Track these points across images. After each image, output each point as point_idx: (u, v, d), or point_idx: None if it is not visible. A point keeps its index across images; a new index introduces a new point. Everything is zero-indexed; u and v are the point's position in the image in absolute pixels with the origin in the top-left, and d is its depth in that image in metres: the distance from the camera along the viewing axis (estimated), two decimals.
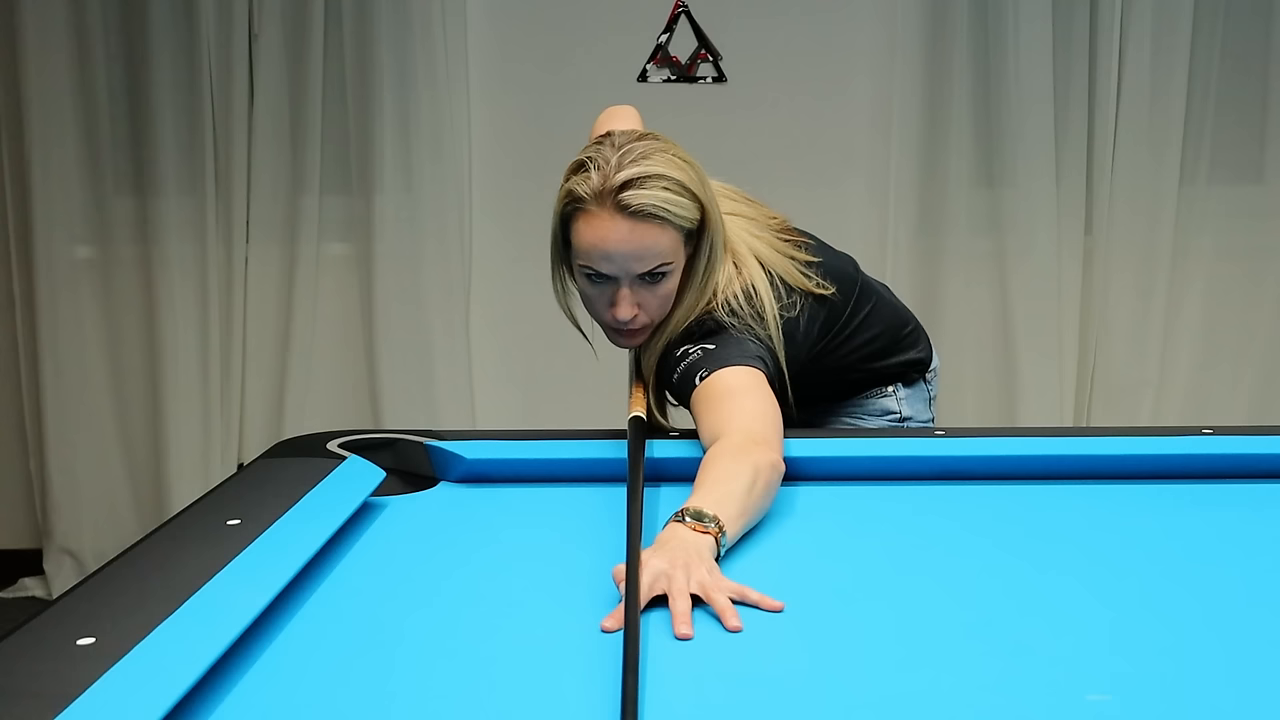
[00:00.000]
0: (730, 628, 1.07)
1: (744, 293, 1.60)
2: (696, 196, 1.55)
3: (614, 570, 1.15)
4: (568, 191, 1.55)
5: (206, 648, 0.92)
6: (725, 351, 1.54)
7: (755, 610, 1.11)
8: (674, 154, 1.56)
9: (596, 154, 1.54)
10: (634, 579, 1.08)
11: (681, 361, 1.57)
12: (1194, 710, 0.92)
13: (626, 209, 1.50)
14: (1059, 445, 1.60)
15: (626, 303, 1.56)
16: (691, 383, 1.53)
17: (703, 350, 1.56)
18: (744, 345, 1.56)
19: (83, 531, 3.46)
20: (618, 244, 1.51)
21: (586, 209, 1.53)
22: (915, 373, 1.95)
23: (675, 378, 1.58)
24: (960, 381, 3.42)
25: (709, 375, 1.51)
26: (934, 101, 3.30)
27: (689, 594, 1.10)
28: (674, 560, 1.13)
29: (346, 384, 3.46)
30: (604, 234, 1.52)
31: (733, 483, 1.30)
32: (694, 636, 1.04)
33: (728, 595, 1.11)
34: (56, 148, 3.28)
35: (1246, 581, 1.19)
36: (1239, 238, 3.44)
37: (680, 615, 1.07)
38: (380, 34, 3.24)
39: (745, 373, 1.51)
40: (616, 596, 1.11)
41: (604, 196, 1.51)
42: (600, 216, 1.52)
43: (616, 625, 1.07)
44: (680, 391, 1.57)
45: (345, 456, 1.50)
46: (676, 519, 1.23)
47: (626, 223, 1.51)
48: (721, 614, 1.08)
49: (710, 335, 1.59)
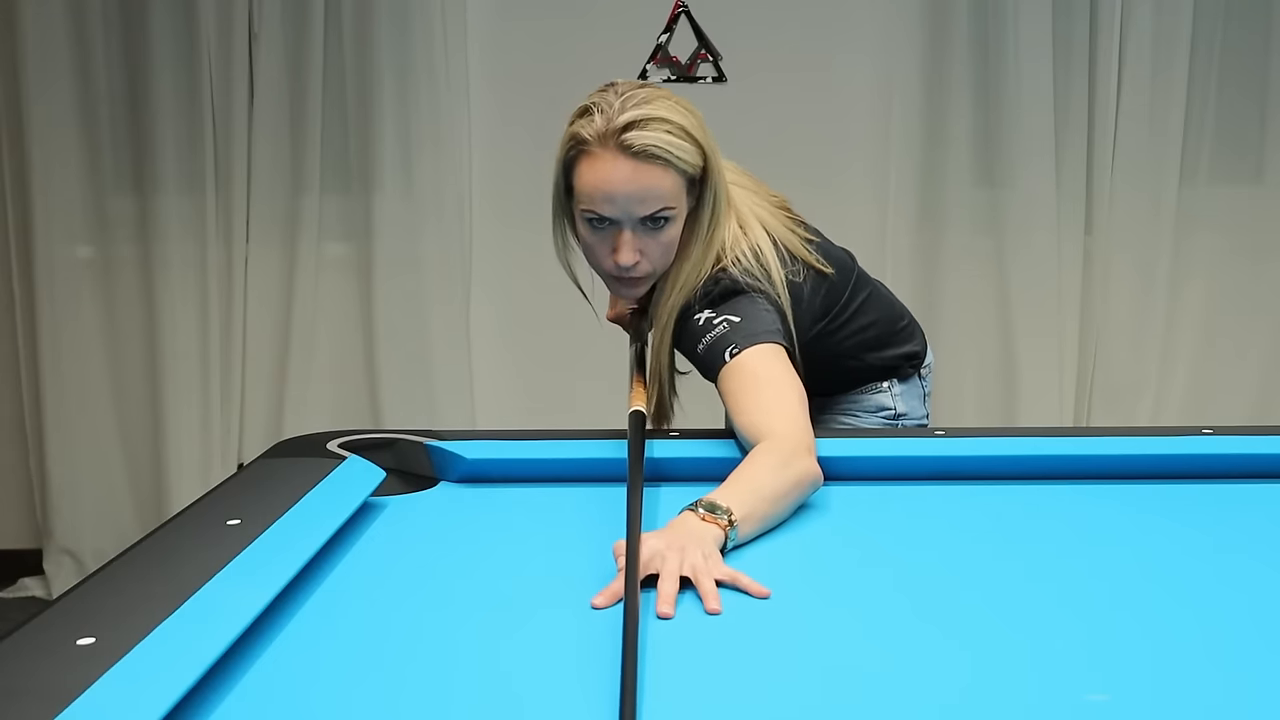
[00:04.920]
0: (708, 610, 1.09)
1: (751, 251, 1.62)
2: (699, 142, 1.56)
3: (614, 545, 1.18)
4: (571, 135, 1.57)
5: (206, 648, 0.92)
6: (750, 325, 1.55)
7: (750, 606, 1.11)
8: (677, 101, 1.57)
9: (600, 99, 1.56)
10: (633, 569, 1.09)
11: (706, 333, 1.57)
12: (1194, 710, 0.91)
13: (629, 149, 1.51)
14: (1059, 445, 1.60)
15: (629, 247, 1.56)
16: (721, 359, 1.53)
17: (728, 323, 1.56)
18: (764, 316, 1.57)
19: (83, 531, 3.46)
20: (621, 184, 1.52)
21: (590, 150, 1.54)
22: (910, 367, 1.95)
23: (701, 349, 1.57)
24: (960, 381, 3.42)
25: (739, 351, 1.52)
26: (934, 101, 3.30)
27: (679, 576, 1.12)
28: (671, 543, 1.16)
29: (346, 384, 3.46)
30: (607, 174, 1.52)
31: (764, 486, 1.32)
32: (674, 617, 1.07)
33: (716, 580, 1.13)
34: (56, 148, 3.28)
35: (1247, 582, 1.19)
36: (1239, 237, 3.44)
37: (664, 595, 1.09)
38: (380, 34, 3.24)
39: (773, 353, 1.52)
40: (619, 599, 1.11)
41: (607, 138, 1.52)
42: (603, 158, 1.53)
43: (606, 602, 1.09)
44: (707, 367, 1.58)
45: (345, 456, 1.50)
46: (690, 508, 1.25)
47: (629, 163, 1.51)
48: (704, 597, 1.11)
49: (728, 298, 1.59)
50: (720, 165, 1.61)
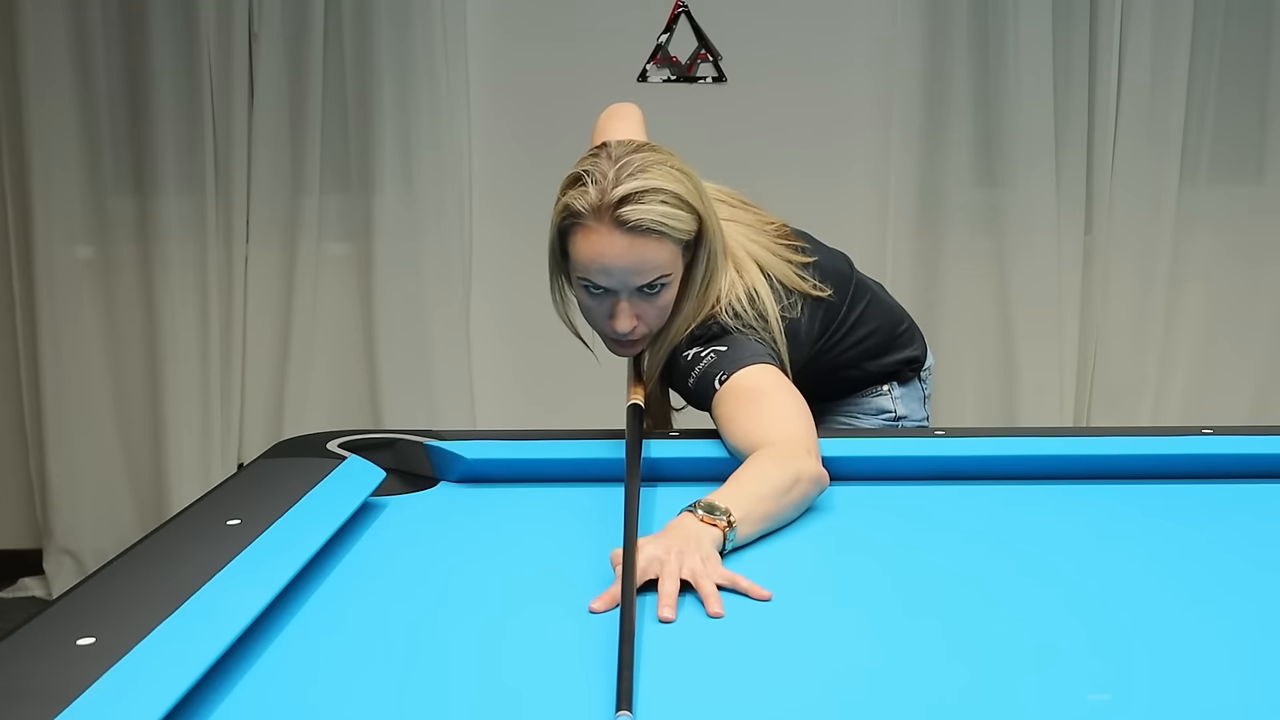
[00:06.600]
0: (710, 613, 1.09)
1: (747, 296, 1.61)
2: (694, 208, 1.54)
3: (612, 554, 1.18)
4: (565, 206, 1.54)
5: (206, 648, 0.92)
6: (738, 352, 1.54)
7: (750, 607, 1.11)
8: (671, 165, 1.55)
9: (593, 167, 1.53)
10: (630, 565, 1.10)
11: (695, 366, 1.57)
12: (1194, 710, 0.91)
13: (624, 224, 1.49)
14: (1059, 445, 1.61)
15: (625, 315, 1.56)
16: (711, 387, 1.53)
17: (715, 353, 1.55)
18: (753, 346, 1.56)
19: (83, 531, 3.46)
20: (616, 259, 1.51)
21: (584, 224, 1.52)
22: (910, 371, 1.95)
23: (691, 383, 1.57)
24: (960, 381, 3.42)
25: (728, 377, 1.51)
26: (934, 101, 3.30)
27: (679, 579, 1.12)
28: (669, 546, 1.16)
29: (346, 384, 3.46)
30: (602, 249, 1.51)
31: (762, 484, 1.31)
32: (675, 620, 1.07)
33: (717, 583, 1.13)
34: (56, 148, 3.28)
35: (1246, 582, 1.19)
36: (1239, 237, 3.44)
37: (664, 597, 1.09)
38: (380, 34, 3.24)
39: (764, 370, 1.52)
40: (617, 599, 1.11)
41: (601, 212, 1.50)
42: (598, 232, 1.51)
43: (604, 606, 1.09)
44: (699, 397, 1.57)
45: (345, 456, 1.50)
46: (689, 510, 1.25)
47: (625, 238, 1.50)
48: (705, 599, 1.10)
49: (717, 338, 1.59)
50: (715, 224, 1.59)
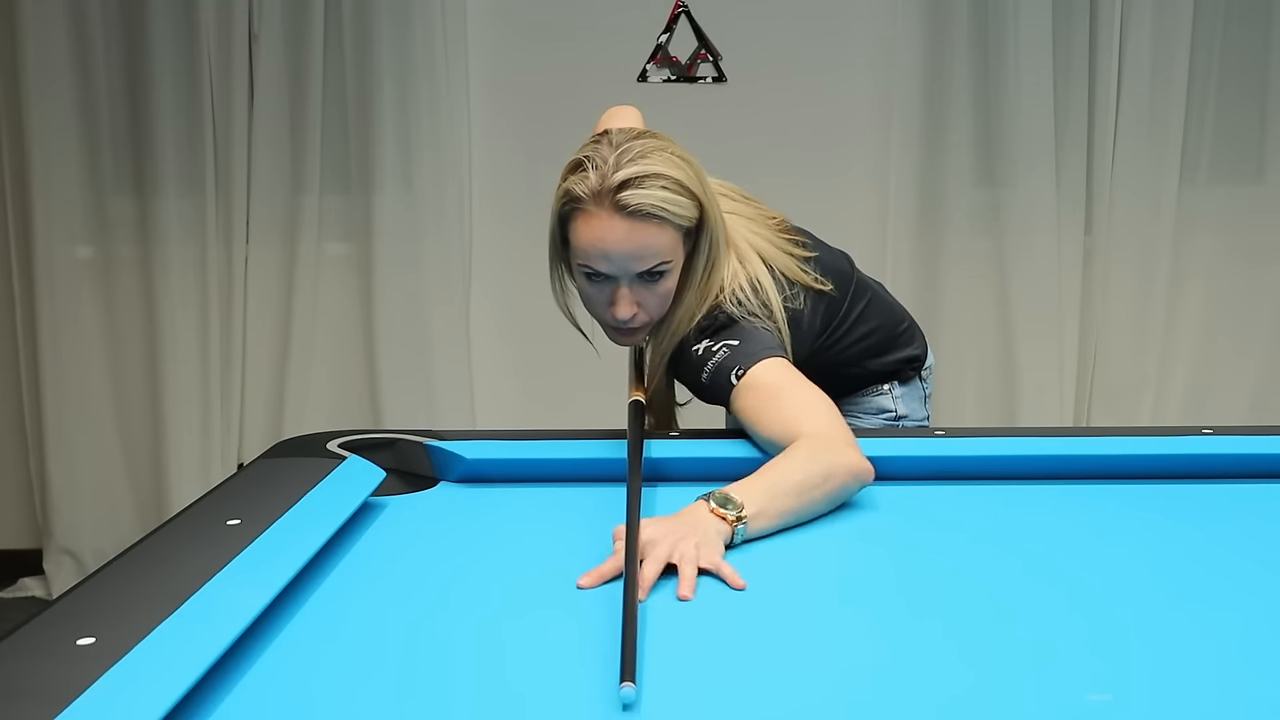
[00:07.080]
0: (679, 595, 1.12)
1: (750, 286, 1.61)
2: (695, 195, 1.55)
3: (614, 529, 1.21)
4: (565, 191, 1.54)
5: (206, 648, 0.92)
6: (750, 345, 1.55)
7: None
8: (672, 152, 1.55)
9: (594, 153, 1.53)
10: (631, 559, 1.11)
11: (707, 360, 1.57)
12: (1194, 710, 0.91)
13: (625, 209, 1.49)
14: (1059, 445, 1.61)
15: (626, 302, 1.56)
16: (729, 382, 1.53)
17: (727, 347, 1.55)
18: (763, 335, 1.57)
19: (83, 531, 3.46)
20: (616, 244, 1.51)
21: (584, 209, 1.52)
22: (910, 370, 1.95)
23: (705, 378, 1.57)
24: (960, 381, 3.42)
25: (744, 372, 1.51)
26: (934, 101, 3.30)
27: (662, 565, 1.14)
28: (669, 531, 1.18)
29: (346, 384, 3.46)
30: (602, 234, 1.51)
31: (788, 479, 1.32)
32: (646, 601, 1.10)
33: (702, 567, 1.15)
34: (56, 148, 3.28)
35: (1246, 581, 1.19)
36: (1239, 237, 3.44)
37: (641, 581, 1.12)
38: (380, 34, 3.24)
39: (779, 364, 1.52)
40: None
41: (602, 196, 1.50)
42: (599, 216, 1.51)
43: (591, 583, 1.13)
44: (714, 392, 1.57)
45: (345, 456, 1.50)
46: (703, 498, 1.26)
47: (625, 222, 1.50)
48: (680, 582, 1.13)
49: (725, 329, 1.59)
50: (716, 212, 1.59)
